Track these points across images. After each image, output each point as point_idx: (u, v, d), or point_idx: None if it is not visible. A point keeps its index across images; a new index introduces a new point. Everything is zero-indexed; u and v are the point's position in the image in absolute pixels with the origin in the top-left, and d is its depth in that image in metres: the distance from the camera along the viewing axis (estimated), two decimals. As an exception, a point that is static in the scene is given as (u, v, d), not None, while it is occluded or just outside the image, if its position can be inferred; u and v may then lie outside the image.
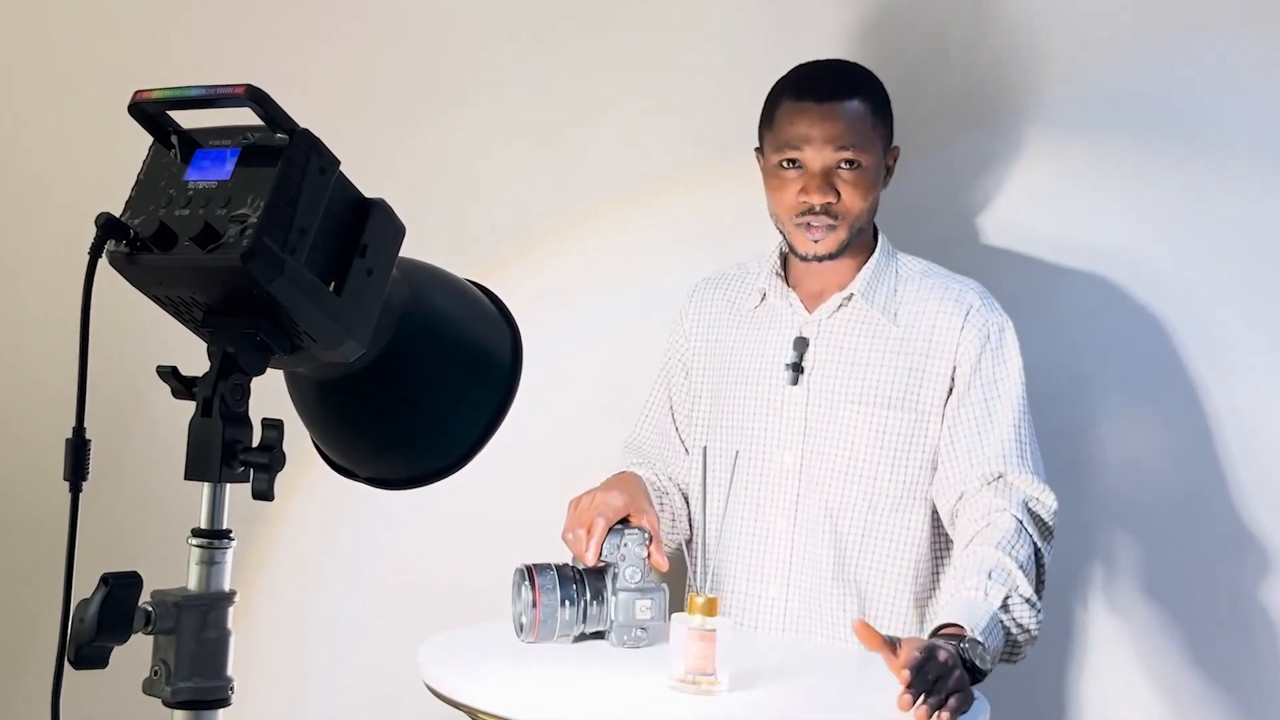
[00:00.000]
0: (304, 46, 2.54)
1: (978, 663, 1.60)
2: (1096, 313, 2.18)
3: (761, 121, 1.97)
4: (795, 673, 1.71)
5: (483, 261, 2.34)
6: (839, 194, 1.88)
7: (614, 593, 1.73)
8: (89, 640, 0.99)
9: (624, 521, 1.78)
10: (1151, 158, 2.17)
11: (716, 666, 1.53)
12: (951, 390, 1.88)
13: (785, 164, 1.90)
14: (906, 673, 1.48)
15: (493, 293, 1.29)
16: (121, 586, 1.00)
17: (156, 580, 1.07)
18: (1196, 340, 2.13)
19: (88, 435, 1.03)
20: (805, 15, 2.31)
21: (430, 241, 1.30)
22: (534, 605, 1.70)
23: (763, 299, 2.00)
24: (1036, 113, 2.22)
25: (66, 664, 1.00)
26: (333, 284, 1.06)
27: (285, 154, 1.03)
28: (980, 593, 1.70)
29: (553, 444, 2.35)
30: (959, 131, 2.26)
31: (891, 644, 1.55)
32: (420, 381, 1.17)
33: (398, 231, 1.11)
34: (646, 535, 1.76)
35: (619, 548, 1.74)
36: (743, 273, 2.07)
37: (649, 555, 1.75)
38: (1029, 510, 1.81)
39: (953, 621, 1.65)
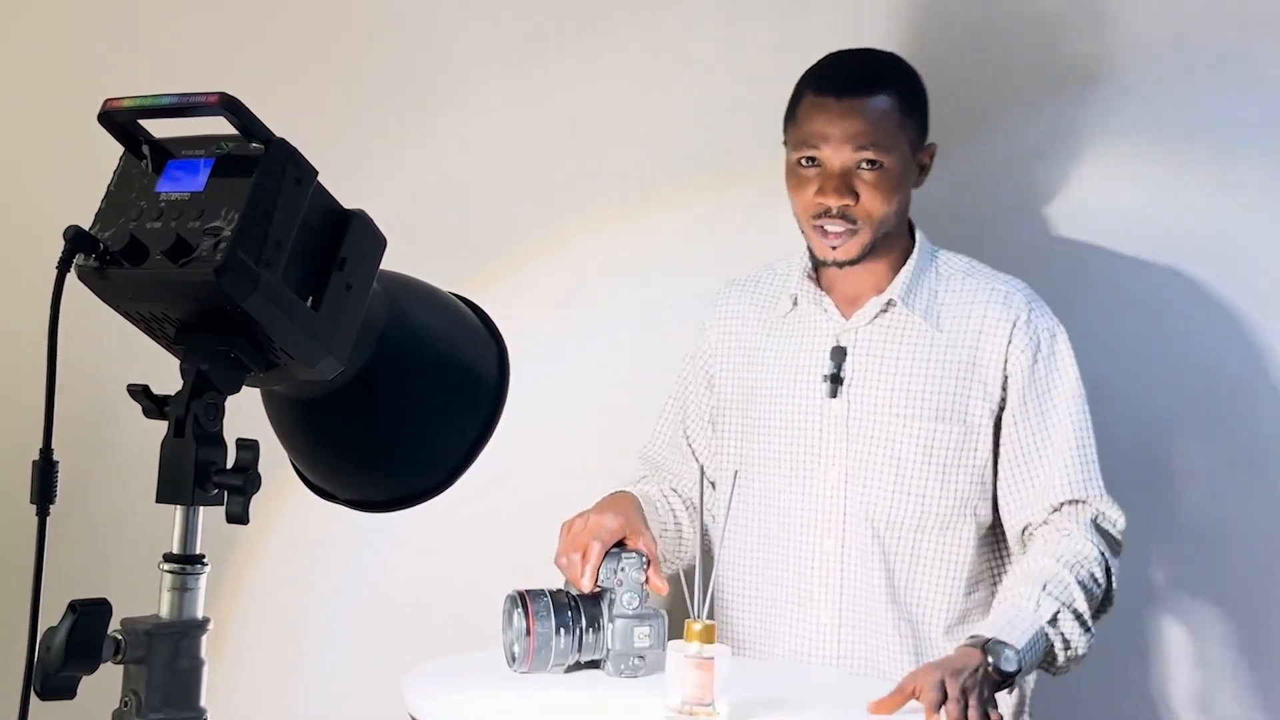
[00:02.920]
0: (281, 50, 2.56)
1: (1002, 664, 1.65)
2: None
3: (786, 114, 1.94)
4: (796, 702, 1.73)
5: (472, 274, 2.36)
6: (858, 196, 1.85)
7: (610, 619, 1.74)
8: (56, 670, 1.00)
9: (620, 545, 1.80)
10: (1244, 137, 2.13)
11: (715, 696, 1.55)
12: (1003, 403, 1.87)
13: (804, 162, 1.88)
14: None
15: (478, 307, 1.30)
16: (90, 614, 1.01)
17: (127, 608, 1.08)
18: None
19: (56, 457, 1.04)
20: (806, 21, 2.32)
21: (416, 254, 1.32)
22: (527, 633, 1.71)
23: (794, 305, 1.97)
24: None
25: (33, 695, 1.01)
26: (310, 299, 1.07)
27: (260, 164, 1.04)
28: (1031, 603, 1.73)
29: (545, 464, 2.37)
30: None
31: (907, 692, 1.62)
32: (402, 399, 1.19)
33: (378, 244, 1.13)
34: (644, 559, 1.77)
35: (616, 572, 1.75)
36: (770, 274, 2.04)
37: (647, 580, 1.76)
38: (1098, 528, 1.83)
39: (991, 636, 1.69)
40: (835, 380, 1.91)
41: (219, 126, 1.07)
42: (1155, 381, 2.04)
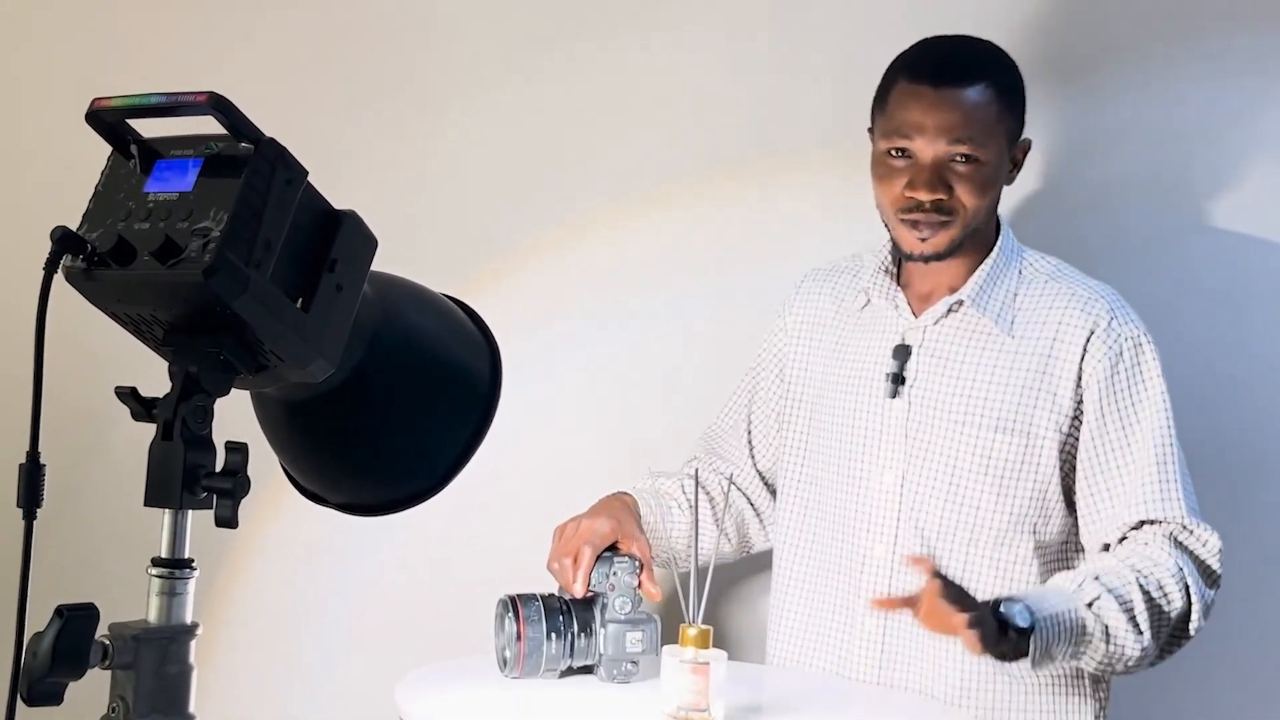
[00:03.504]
0: (276, 50, 2.55)
1: (1014, 618, 1.59)
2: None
3: (874, 101, 1.87)
4: (795, 707, 1.73)
5: (473, 275, 2.36)
6: (950, 189, 1.79)
7: (603, 624, 1.73)
8: (43, 676, 1.00)
9: (613, 549, 1.79)
10: (1248, 138, 2.11)
11: (710, 701, 1.55)
12: (1076, 418, 1.80)
13: (894, 153, 1.80)
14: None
15: (471, 309, 1.31)
16: (77, 619, 1.01)
17: (114, 612, 1.08)
18: None
19: (43, 460, 1.04)
20: (805, 21, 2.33)
21: (414, 255, 1.32)
22: (518, 638, 1.71)
23: (868, 301, 1.92)
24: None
25: (19, 701, 1.01)
26: (300, 300, 1.07)
27: (250, 164, 1.04)
28: (1073, 585, 1.69)
29: (539, 467, 2.37)
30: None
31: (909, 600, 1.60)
32: (393, 402, 1.19)
33: (369, 244, 1.13)
34: (637, 563, 1.77)
35: (608, 577, 1.75)
36: (855, 265, 1.97)
37: (640, 584, 1.76)
38: (1178, 542, 1.76)
39: (1007, 596, 1.65)
40: (897, 380, 1.85)
41: (208, 126, 1.07)
42: (1171, 384, 2.02)
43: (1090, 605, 1.67)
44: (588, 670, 1.76)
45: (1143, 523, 1.77)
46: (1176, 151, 2.18)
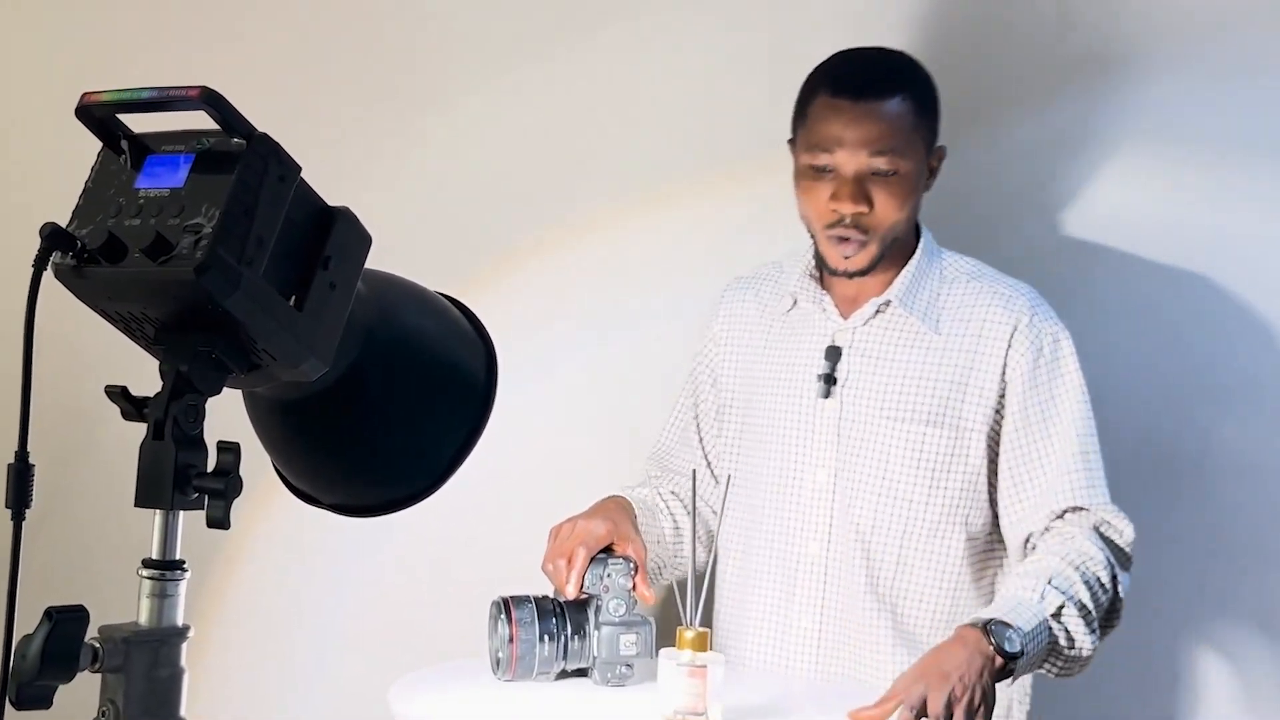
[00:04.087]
0: (269, 42, 2.55)
1: (1005, 645, 1.63)
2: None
3: (795, 114, 1.92)
4: (791, 709, 1.72)
5: (471, 275, 2.36)
6: (871, 203, 1.83)
7: (596, 627, 1.73)
8: (32, 679, 0.99)
9: (608, 551, 1.79)
10: (1255, 137, 2.13)
11: (708, 705, 1.54)
12: (1000, 411, 1.86)
13: (816, 166, 1.86)
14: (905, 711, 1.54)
15: (467, 307, 1.30)
16: (67, 621, 1.00)
17: (105, 615, 1.07)
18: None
19: (31, 460, 1.04)
20: (806, 18, 2.32)
21: (414, 255, 1.31)
22: (511, 641, 1.71)
23: (794, 304, 1.97)
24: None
25: (7, 704, 1.00)
26: (293, 298, 1.06)
27: (242, 160, 1.03)
28: (1035, 595, 1.72)
29: (536, 468, 2.36)
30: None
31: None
32: (387, 402, 1.18)
33: (363, 242, 1.12)
34: (631, 565, 1.76)
35: (602, 579, 1.75)
36: (776, 272, 2.03)
37: (634, 587, 1.76)
38: (1102, 536, 1.81)
39: (992, 617, 1.67)
40: (829, 380, 1.90)
41: (200, 122, 1.06)
42: (1157, 383, 2.03)
43: (1056, 615, 1.72)
44: (582, 673, 1.76)
45: (1066, 511, 1.82)
46: (1175, 151, 2.18)
